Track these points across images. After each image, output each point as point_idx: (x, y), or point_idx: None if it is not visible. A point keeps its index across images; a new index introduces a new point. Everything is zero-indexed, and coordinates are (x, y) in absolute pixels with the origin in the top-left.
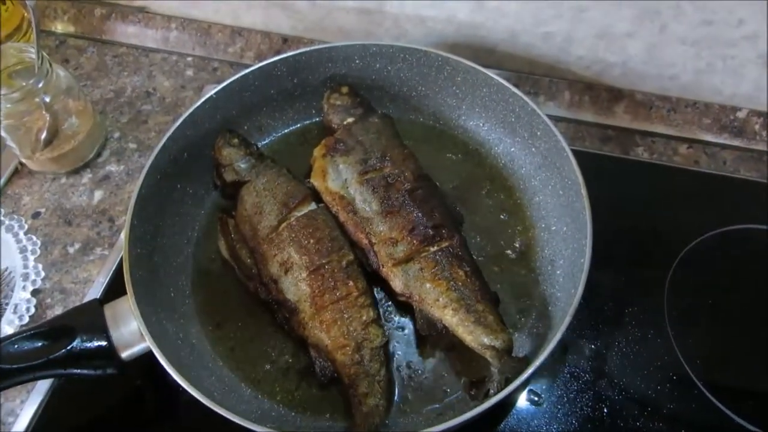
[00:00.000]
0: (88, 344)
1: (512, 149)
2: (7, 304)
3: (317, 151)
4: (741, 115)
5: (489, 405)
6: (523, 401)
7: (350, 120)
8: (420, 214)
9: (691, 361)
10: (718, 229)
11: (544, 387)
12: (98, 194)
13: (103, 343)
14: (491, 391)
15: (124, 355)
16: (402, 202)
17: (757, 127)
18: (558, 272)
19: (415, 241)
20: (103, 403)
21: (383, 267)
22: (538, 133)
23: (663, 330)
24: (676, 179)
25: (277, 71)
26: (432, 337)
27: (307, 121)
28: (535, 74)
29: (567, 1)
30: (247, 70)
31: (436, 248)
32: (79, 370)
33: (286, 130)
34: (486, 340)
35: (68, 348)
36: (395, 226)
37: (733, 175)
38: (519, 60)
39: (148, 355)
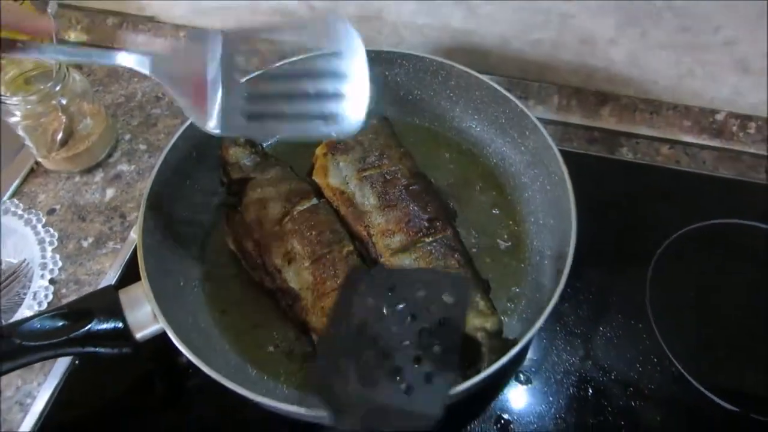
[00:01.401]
0: (105, 325)
1: (503, 149)
2: (25, 293)
3: (319, 150)
4: (720, 117)
5: (480, 378)
6: (513, 382)
7: None
8: (416, 207)
9: (671, 346)
10: (696, 223)
11: (533, 369)
12: (110, 192)
13: (119, 325)
14: (482, 369)
15: (138, 336)
16: (398, 196)
17: (734, 128)
18: (546, 262)
19: (411, 233)
20: (117, 386)
21: (381, 257)
22: (527, 133)
23: (645, 316)
24: (659, 177)
25: None
26: None
27: None
28: (526, 79)
29: (556, 2)
30: (253, 74)
31: (430, 239)
32: (96, 349)
33: None
34: (477, 323)
35: (87, 328)
36: (392, 219)
37: (711, 173)
38: (510, 65)
39: (159, 339)
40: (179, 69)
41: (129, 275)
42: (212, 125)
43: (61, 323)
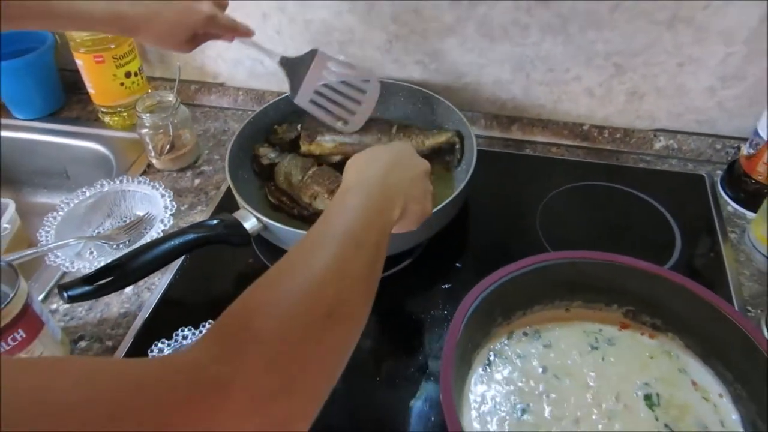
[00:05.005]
0: (232, 229)
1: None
2: (147, 231)
3: (304, 146)
4: (585, 128)
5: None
6: (450, 270)
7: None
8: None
9: (546, 239)
10: (569, 185)
11: (468, 252)
12: (197, 181)
13: (240, 228)
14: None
15: (250, 232)
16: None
17: (595, 134)
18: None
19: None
20: (215, 277)
21: None
22: (455, 119)
23: (534, 228)
24: (549, 164)
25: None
26: None
27: None
28: (463, 109)
29: (473, 59)
30: (274, 101)
31: (401, 133)
32: (229, 239)
33: None
34: (442, 137)
35: (224, 229)
36: (371, 131)
37: (582, 160)
38: (452, 100)
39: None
40: (293, 67)
41: None
42: (295, 98)
43: (215, 222)
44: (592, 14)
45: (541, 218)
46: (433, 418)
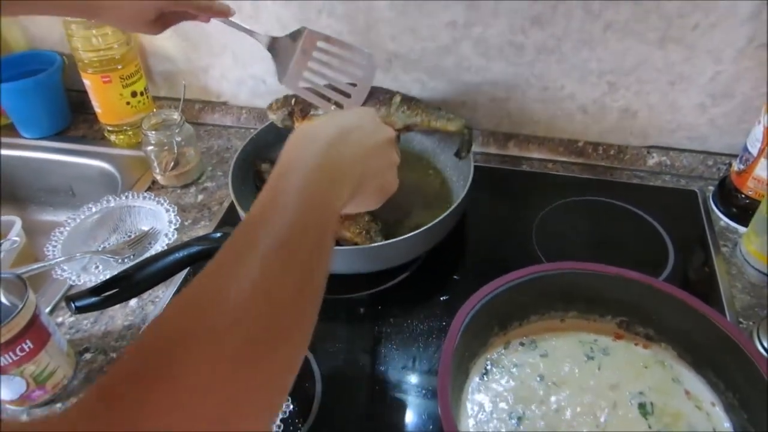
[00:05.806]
0: None
1: (443, 158)
2: (151, 245)
3: (297, 123)
4: (580, 144)
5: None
6: (447, 283)
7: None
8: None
9: (540, 249)
10: (563, 200)
11: (466, 265)
12: (200, 197)
13: None
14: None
15: None
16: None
17: (590, 150)
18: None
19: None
20: None
21: None
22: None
23: (530, 240)
24: (545, 179)
25: None
26: None
27: None
28: None
29: (470, 78)
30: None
31: (405, 106)
32: None
33: None
34: (452, 126)
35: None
36: (369, 102)
37: (577, 176)
38: None
39: None
40: (280, 48)
41: None
42: (282, 80)
43: (218, 235)
44: (586, 34)
45: (537, 232)
46: (431, 427)
